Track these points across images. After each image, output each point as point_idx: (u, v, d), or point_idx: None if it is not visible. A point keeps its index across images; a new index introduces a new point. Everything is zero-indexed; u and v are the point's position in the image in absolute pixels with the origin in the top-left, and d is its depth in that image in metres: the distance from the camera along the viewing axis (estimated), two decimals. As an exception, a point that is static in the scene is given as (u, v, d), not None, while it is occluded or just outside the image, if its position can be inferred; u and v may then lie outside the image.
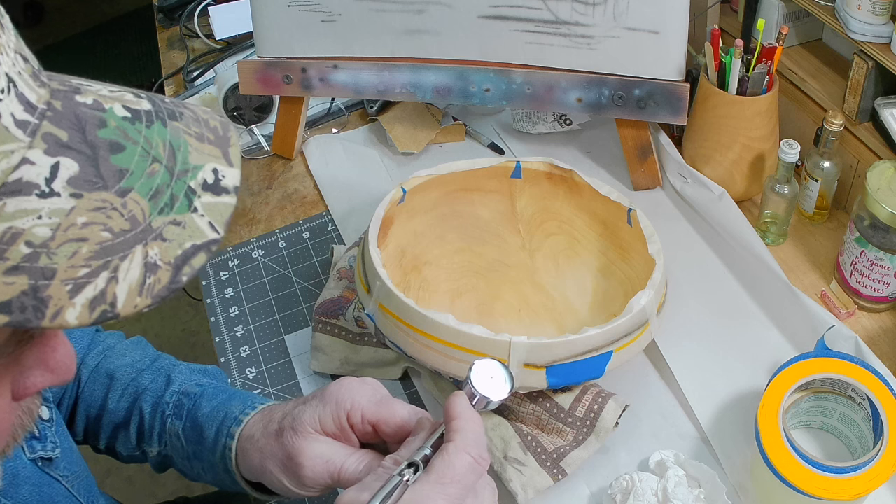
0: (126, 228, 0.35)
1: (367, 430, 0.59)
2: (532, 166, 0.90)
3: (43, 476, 0.62)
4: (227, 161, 0.40)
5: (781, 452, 0.66)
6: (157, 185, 0.37)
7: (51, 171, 0.34)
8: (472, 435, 0.52)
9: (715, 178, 0.95)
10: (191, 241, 0.37)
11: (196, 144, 0.39)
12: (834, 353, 0.71)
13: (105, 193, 0.35)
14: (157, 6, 1.51)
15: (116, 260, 0.35)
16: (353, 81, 1.04)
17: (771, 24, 0.99)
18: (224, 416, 0.67)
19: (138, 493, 1.73)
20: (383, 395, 0.60)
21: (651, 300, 0.75)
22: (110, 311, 0.35)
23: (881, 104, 0.88)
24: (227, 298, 0.97)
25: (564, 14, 0.92)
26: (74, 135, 0.35)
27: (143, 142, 0.37)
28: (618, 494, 0.71)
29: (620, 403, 0.75)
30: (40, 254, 0.33)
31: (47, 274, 0.33)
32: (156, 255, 0.36)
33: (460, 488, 0.50)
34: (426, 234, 0.91)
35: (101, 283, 0.34)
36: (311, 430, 0.59)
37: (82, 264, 0.34)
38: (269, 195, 1.11)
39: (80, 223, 0.34)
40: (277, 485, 0.61)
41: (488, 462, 0.53)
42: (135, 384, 0.73)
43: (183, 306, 2.21)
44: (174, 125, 0.39)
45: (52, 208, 0.34)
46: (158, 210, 0.37)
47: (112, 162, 0.36)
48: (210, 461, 0.67)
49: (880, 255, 0.81)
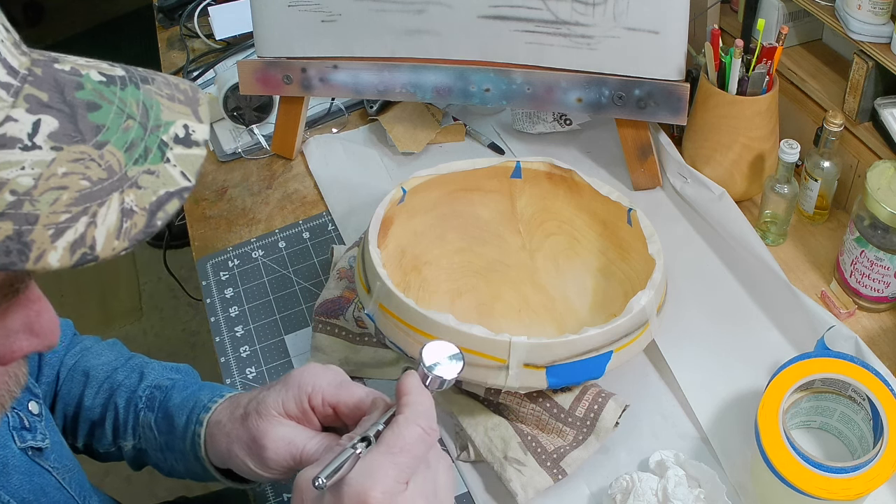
0: (103, 177, 0.38)
1: (327, 412, 0.61)
2: (532, 166, 0.90)
3: (33, 465, 0.63)
4: (196, 118, 0.43)
5: (781, 452, 0.66)
6: (132, 138, 0.40)
7: (32, 128, 0.36)
8: (422, 408, 0.55)
9: (715, 178, 0.95)
10: (164, 189, 0.40)
11: (167, 104, 0.42)
12: (834, 353, 0.71)
13: (83, 146, 0.38)
14: (157, 6, 1.51)
15: (95, 206, 0.38)
16: (353, 81, 1.04)
17: (771, 24, 0.99)
18: (193, 404, 0.69)
19: (138, 493, 1.73)
20: (343, 379, 0.62)
21: (651, 300, 0.75)
22: (90, 254, 0.38)
23: (881, 104, 0.88)
24: (227, 298, 0.97)
25: (564, 14, 0.92)
26: (54, 96, 0.38)
27: (118, 102, 0.40)
28: (618, 494, 0.71)
29: (620, 403, 0.75)
30: (24, 201, 0.36)
31: (30, 220, 0.36)
32: (132, 201, 0.39)
33: (410, 458, 0.52)
34: (426, 234, 0.91)
35: (81, 227, 0.37)
36: (274, 414, 0.61)
37: (63, 210, 0.37)
38: (269, 195, 1.11)
39: (60, 173, 0.37)
40: (244, 468, 0.63)
41: (437, 434, 0.55)
42: (109, 381, 0.76)
43: (183, 306, 2.21)
44: (146, 87, 0.42)
45: (35, 160, 0.36)
46: (133, 161, 0.39)
47: (89, 119, 0.38)
48: (181, 450, 0.69)
49: (880, 255, 0.81)
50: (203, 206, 1.11)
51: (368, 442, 0.54)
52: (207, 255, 1.04)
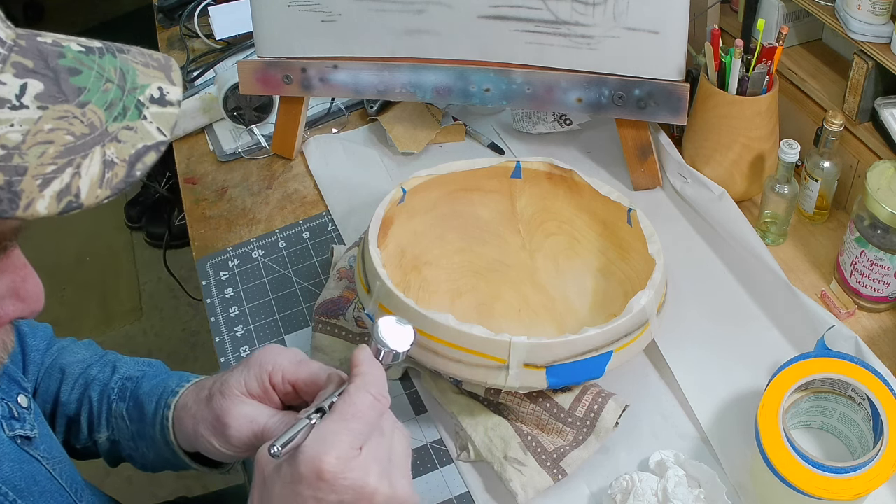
0: (86, 133, 0.42)
1: (287, 389, 0.64)
2: (532, 166, 0.90)
3: (23, 454, 0.64)
4: (170, 81, 0.47)
5: (781, 452, 0.66)
6: (111, 98, 0.43)
7: (20, 89, 0.40)
8: (372, 377, 0.57)
9: (715, 178, 0.95)
10: (142, 142, 0.44)
11: (143, 70, 0.46)
12: (834, 353, 0.71)
13: (67, 105, 0.42)
14: (157, 6, 1.51)
15: (79, 158, 0.41)
16: (353, 81, 1.04)
17: (771, 24, 0.99)
18: (162, 390, 0.72)
19: (138, 493, 1.73)
20: (302, 358, 0.65)
21: (651, 300, 0.75)
22: (75, 202, 0.41)
23: (881, 104, 0.88)
24: (227, 298, 0.97)
25: (564, 14, 0.92)
26: (38, 63, 0.42)
27: (97, 68, 0.44)
28: (618, 494, 0.71)
29: (620, 403, 0.75)
30: (13, 154, 0.39)
31: (20, 171, 0.39)
32: (112, 153, 0.42)
33: (362, 424, 0.54)
34: (426, 234, 0.91)
35: (67, 177, 0.41)
36: (237, 393, 0.63)
37: (50, 162, 0.40)
38: (269, 195, 1.11)
39: (46, 129, 0.40)
40: (210, 448, 0.65)
41: (388, 401, 0.57)
42: (84, 376, 0.78)
43: (183, 306, 2.21)
44: (123, 56, 0.46)
45: (23, 118, 0.40)
46: (113, 118, 0.43)
47: (71, 82, 0.42)
48: (151, 436, 0.71)
49: (880, 255, 0.81)
50: (203, 206, 1.11)
51: (323, 413, 0.55)
52: (207, 255, 1.04)
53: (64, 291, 2.30)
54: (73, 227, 2.47)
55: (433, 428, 0.81)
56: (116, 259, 2.40)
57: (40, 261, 0.52)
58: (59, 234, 2.44)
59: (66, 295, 2.30)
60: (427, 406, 0.83)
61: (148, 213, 2.40)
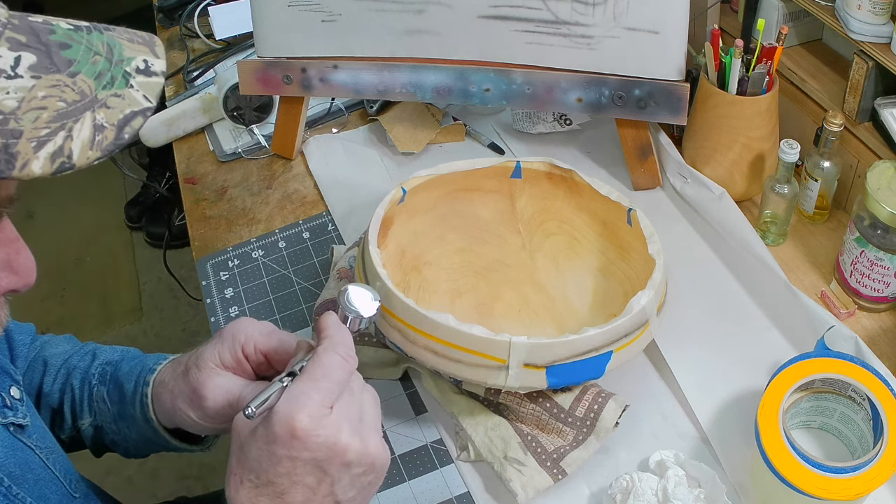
0: (77, 100, 0.44)
1: (260, 359, 0.66)
2: (532, 166, 0.90)
3: (16, 442, 0.64)
4: (154, 55, 0.50)
5: (781, 452, 0.66)
6: (100, 69, 0.46)
7: (14, 61, 0.43)
8: (339, 338, 0.59)
9: (715, 178, 0.95)
10: (130, 108, 0.46)
11: (128, 45, 0.49)
12: (834, 353, 0.71)
13: (58, 75, 0.44)
14: (157, 6, 1.51)
15: (71, 123, 0.44)
16: (353, 81, 1.04)
17: (771, 24, 0.99)
18: (140, 369, 0.74)
19: (138, 494, 1.73)
20: (273, 329, 0.67)
21: (651, 300, 0.75)
22: (67, 163, 0.43)
23: (881, 104, 0.88)
24: (227, 298, 0.97)
25: (564, 14, 0.92)
26: (31, 38, 0.44)
27: (86, 42, 0.47)
28: (618, 494, 0.71)
29: (620, 403, 0.75)
30: (9, 119, 0.42)
31: (16, 134, 0.42)
32: (102, 118, 0.45)
33: (332, 383, 0.56)
34: (426, 234, 0.91)
35: (60, 140, 0.43)
36: (212, 366, 0.65)
37: (43, 126, 0.43)
38: (269, 195, 1.11)
39: (40, 96, 0.43)
40: (188, 421, 0.67)
41: (355, 361, 0.59)
42: (66, 366, 0.79)
43: (183, 306, 2.21)
44: (109, 33, 0.49)
45: (18, 86, 0.43)
46: (102, 87, 0.46)
47: (62, 55, 0.45)
48: (131, 415, 0.73)
49: (880, 255, 0.81)
50: (203, 206, 1.11)
51: (294, 376, 0.57)
52: (207, 255, 1.04)
53: (64, 292, 2.30)
54: (73, 227, 2.47)
55: (433, 428, 0.81)
56: (116, 259, 2.39)
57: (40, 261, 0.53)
58: (60, 234, 2.44)
59: (66, 295, 2.30)
60: (427, 406, 0.83)
61: (148, 213, 2.40)
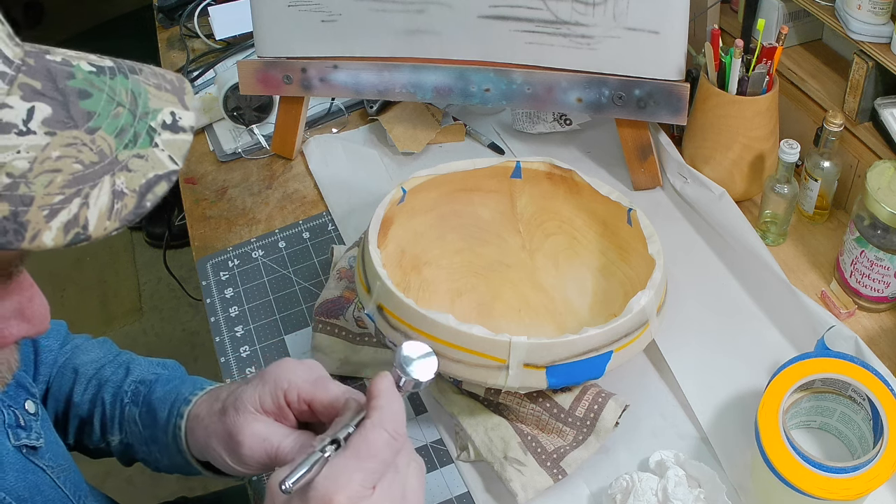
0: (95, 161, 0.40)
1: (303, 408, 0.61)
2: (532, 166, 0.90)
3: (28, 464, 0.63)
4: (182, 106, 0.45)
5: (781, 452, 0.66)
6: (122, 124, 0.41)
7: (27, 114, 0.38)
8: (390, 412, 0.54)
9: (715, 178, 0.95)
10: (153, 172, 0.42)
11: (155, 92, 0.44)
12: (834, 353, 0.71)
13: (75, 132, 0.39)
14: (157, 6, 1.50)
15: (87, 188, 0.39)
16: (353, 81, 1.04)
17: (771, 24, 0.99)
18: (175, 397, 0.70)
19: (138, 494, 1.73)
20: (319, 375, 0.62)
21: (651, 300, 0.75)
22: (83, 233, 0.39)
23: (881, 104, 0.88)
24: (227, 298, 0.97)
25: (564, 14, 0.92)
26: (47, 84, 0.39)
27: (108, 90, 0.42)
28: (618, 494, 0.71)
29: (620, 403, 0.75)
30: (20, 183, 0.37)
31: (26, 201, 0.37)
32: (122, 183, 0.40)
33: (377, 463, 0.52)
34: (426, 234, 0.91)
35: (74, 208, 0.39)
36: (251, 410, 0.61)
37: (57, 192, 0.38)
38: (269, 195, 1.11)
39: (54, 157, 0.38)
40: (221, 462, 0.63)
41: (405, 438, 0.55)
42: (97, 377, 0.77)
43: (183, 306, 2.21)
44: (135, 77, 0.44)
45: (30, 144, 0.38)
46: (123, 145, 0.41)
47: (81, 106, 0.40)
48: (164, 443, 0.70)
49: (880, 255, 0.81)
50: (203, 206, 1.11)
51: (338, 445, 0.54)
52: (207, 255, 1.04)
53: (64, 292, 2.30)
54: (73, 227, 2.47)
55: (433, 428, 0.81)
56: (116, 259, 2.39)
57: (41, 261, 0.52)
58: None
59: (66, 295, 2.29)
60: (427, 406, 0.83)
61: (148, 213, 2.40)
